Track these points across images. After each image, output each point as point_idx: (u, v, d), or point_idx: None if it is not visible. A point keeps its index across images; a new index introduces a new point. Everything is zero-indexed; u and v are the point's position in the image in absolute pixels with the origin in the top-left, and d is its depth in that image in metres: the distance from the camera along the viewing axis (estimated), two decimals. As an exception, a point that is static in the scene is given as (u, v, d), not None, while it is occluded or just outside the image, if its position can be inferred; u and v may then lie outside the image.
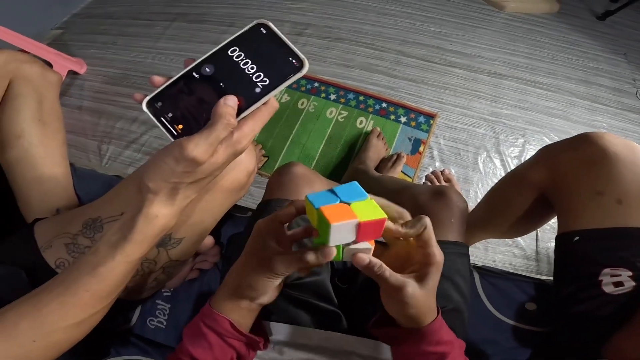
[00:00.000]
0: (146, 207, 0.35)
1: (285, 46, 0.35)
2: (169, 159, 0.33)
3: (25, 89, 0.75)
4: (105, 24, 1.79)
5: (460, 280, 0.58)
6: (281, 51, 0.35)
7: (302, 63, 0.35)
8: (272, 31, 0.36)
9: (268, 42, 0.36)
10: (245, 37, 0.36)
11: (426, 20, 1.64)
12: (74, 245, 0.50)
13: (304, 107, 1.42)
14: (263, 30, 0.36)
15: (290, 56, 0.35)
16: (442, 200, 0.64)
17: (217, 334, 0.41)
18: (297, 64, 0.35)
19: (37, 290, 0.39)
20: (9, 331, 0.37)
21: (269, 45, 0.36)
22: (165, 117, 0.35)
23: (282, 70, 0.35)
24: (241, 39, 0.36)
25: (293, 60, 0.35)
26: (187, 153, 0.32)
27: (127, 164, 1.36)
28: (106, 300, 0.41)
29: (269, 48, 0.36)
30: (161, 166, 0.33)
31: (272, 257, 0.37)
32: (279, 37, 0.36)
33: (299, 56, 0.35)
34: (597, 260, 0.56)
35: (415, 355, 0.41)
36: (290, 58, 0.35)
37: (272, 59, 0.36)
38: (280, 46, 0.36)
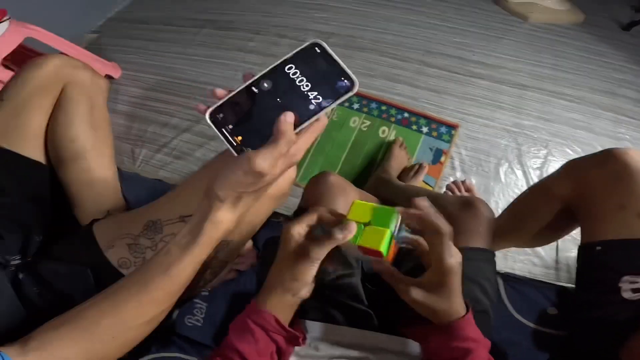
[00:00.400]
0: (213, 213, 0.39)
1: (338, 66, 0.38)
2: (239, 171, 0.36)
3: (78, 95, 0.78)
4: (138, 28, 1.87)
5: (487, 284, 0.62)
6: (334, 71, 0.38)
7: (353, 83, 0.38)
8: (325, 51, 0.38)
9: (322, 61, 0.38)
10: (300, 55, 0.38)
11: (449, 31, 1.66)
12: (136, 245, 0.54)
13: (328, 116, 1.45)
14: (317, 50, 0.38)
15: (343, 76, 0.38)
16: (471, 210, 0.67)
17: (263, 329, 0.44)
18: (348, 83, 0.38)
19: (113, 289, 0.43)
20: (92, 329, 0.40)
21: (323, 64, 0.38)
22: (226, 129, 0.37)
23: (334, 89, 0.38)
24: (297, 57, 0.38)
25: (345, 80, 0.38)
26: (255, 166, 0.35)
27: (159, 167, 1.43)
28: (175, 298, 0.44)
29: (322, 67, 0.38)
30: (230, 177, 0.37)
31: (306, 246, 0.41)
32: (332, 57, 0.38)
33: (350, 76, 0.38)
34: (617, 268, 0.59)
35: (442, 350, 0.44)
36: (342, 77, 0.38)
37: (325, 77, 0.38)
38: (333, 65, 0.38)
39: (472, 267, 0.60)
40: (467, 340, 0.43)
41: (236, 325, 0.47)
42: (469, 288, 0.59)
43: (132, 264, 0.55)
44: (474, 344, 0.44)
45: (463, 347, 0.43)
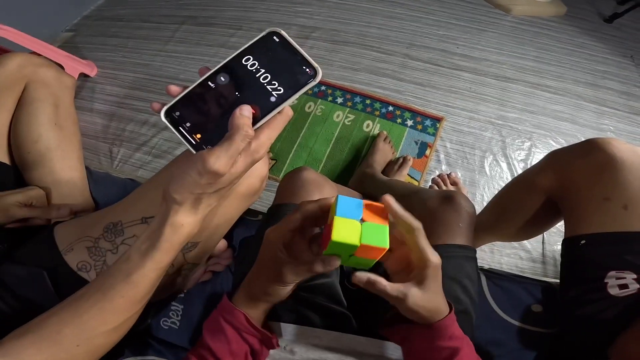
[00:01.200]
0: (172, 217, 0.37)
1: (299, 54, 0.36)
2: (193, 172, 0.34)
3: (41, 93, 0.76)
4: (115, 26, 1.81)
5: (468, 283, 0.60)
6: (294, 59, 0.36)
7: (316, 71, 0.35)
8: (284, 39, 0.36)
9: (281, 51, 0.36)
10: (258, 45, 0.36)
11: (433, 24, 1.65)
12: (96, 248, 0.52)
13: (311, 111, 1.43)
14: (276, 39, 0.36)
15: (304, 64, 0.36)
16: (451, 205, 0.65)
17: (235, 328, 0.43)
18: (310, 72, 0.36)
19: (74, 297, 0.41)
20: (53, 337, 0.39)
21: (282, 53, 0.36)
22: (183, 127, 0.35)
23: (296, 78, 0.36)
24: (254, 48, 0.36)
25: (306, 69, 0.36)
26: (209, 166, 0.33)
27: (138, 167, 1.38)
28: (140, 305, 0.43)
29: (282, 56, 0.36)
30: (185, 178, 0.35)
31: (282, 268, 0.38)
32: (292, 46, 0.36)
33: (312, 64, 0.36)
34: (603, 263, 0.57)
35: (428, 351, 0.42)
36: (303, 66, 0.36)
37: (286, 67, 0.36)
38: (293, 54, 0.36)
39: (452, 264, 0.59)
40: (453, 339, 0.42)
41: (209, 324, 0.46)
42: (449, 287, 0.57)
43: (91, 267, 0.52)
44: (461, 342, 0.43)
45: (450, 346, 0.42)
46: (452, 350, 0.41)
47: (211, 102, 0.36)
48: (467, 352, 0.42)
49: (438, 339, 0.41)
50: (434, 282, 0.40)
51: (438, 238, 0.62)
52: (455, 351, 0.41)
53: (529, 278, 0.77)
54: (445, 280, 0.57)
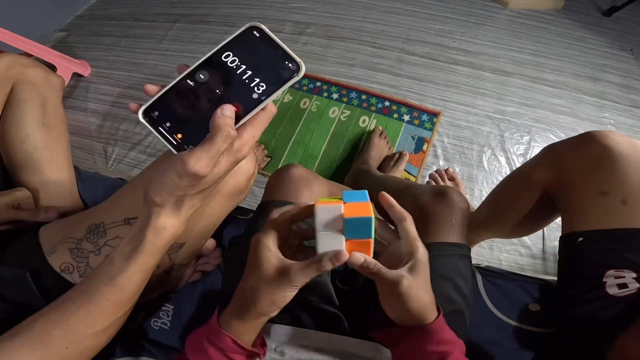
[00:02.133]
0: (154, 220, 0.36)
1: (280, 49, 0.34)
2: (172, 174, 0.33)
3: (28, 93, 0.75)
4: (108, 25, 1.80)
5: (461, 281, 0.58)
6: (276, 54, 0.35)
7: (299, 66, 0.34)
8: (265, 34, 0.35)
9: (262, 46, 0.35)
10: (238, 41, 0.35)
11: (429, 18, 1.63)
12: (78, 250, 0.51)
13: (306, 107, 1.42)
14: (256, 34, 0.35)
15: (286, 59, 0.34)
16: (444, 200, 0.63)
17: (219, 350, 0.41)
18: (293, 67, 0.34)
19: (61, 300, 0.41)
20: (43, 339, 0.39)
21: (263, 48, 0.35)
22: (163, 127, 0.34)
23: (278, 74, 0.34)
24: (234, 44, 0.35)
25: (289, 64, 0.34)
26: (189, 168, 0.32)
27: (133, 166, 1.37)
28: (127, 306, 0.42)
29: (263, 52, 0.35)
30: (165, 181, 0.34)
31: (290, 270, 0.37)
32: (273, 40, 0.35)
33: (294, 59, 0.34)
34: (601, 262, 0.55)
35: (417, 356, 0.41)
36: (286, 61, 0.34)
37: (268, 63, 0.35)
38: (274, 49, 0.35)
39: (445, 263, 0.57)
40: (442, 344, 0.40)
41: (193, 341, 0.43)
42: (442, 286, 0.55)
43: (74, 269, 0.52)
44: (451, 347, 0.41)
45: (439, 350, 0.40)
46: (441, 355, 0.40)
47: (191, 100, 0.34)
48: (457, 357, 0.41)
49: (426, 344, 0.40)
50: (424, 271, 0.39)
51: (431, 235, 0.60)
52: (445, 356, 0.40)
53: (526, 276, 0.76)
54: (438, 280, 0.56)
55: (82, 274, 0.52)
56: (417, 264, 0.39)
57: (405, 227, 0.40)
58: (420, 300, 0.39)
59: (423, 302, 0.39)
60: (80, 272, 0.52)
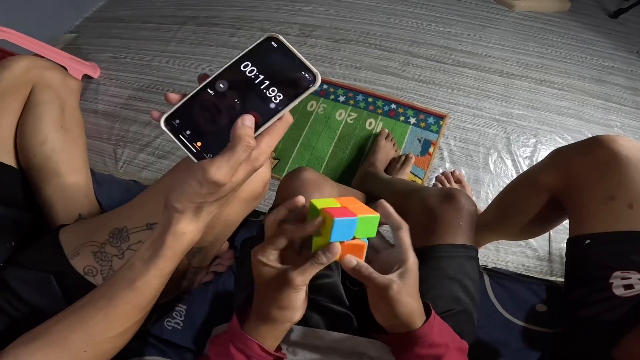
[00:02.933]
0: (174, 226, 0.37)
1: (297, 59, 0.35)
2: (193, 182, 0.34)
3: (47, 96, 0.76)
4: (116, 27, 1.82)
5: (469, 282, 0.59)
6: (293, 65, 0.35)
7: (315, 77, 0.35)
8: (283, 45, 0.35)
9: (280, 56, 0.35)
10: (256, 51, 0.36)
11: (435, 20, 1.63)
12: (102, 253, 0.52)
13: (313, 110, 1.43)
14: (274, 44, 0.35)
15: (303, 70, 0.35)
16: (451, 203, 0.64)
17: (246, 356, 0.42)
18: (309, 77, 0.35)
19: (80, 304, 0.42)
20: (61, 343, 0.40)
21: (281, 59, 0.35)
22: (184, 135, 0.35)
23: (295, 84, 0.35)
24: (252, 54, 0.36)
25: (306, 74, 0.35)
26: (209, 177, 0.33)
27: (142, 167, 1.39)
28: (145, 310, 0.43)
29: (280, 62, 0.35)
30: (186, 188, 0.35)
31: (287, 274, 0.38)
32: (290, 51, 0.35)
33: (311, 70, 0.35)
34: (608, 263, 0.56)
35: (411, 358, 0.43)
36: (302, 72, 0.35)
37: (285, 73, 0.35)
38: (292, 60, 0.35)
39: (453, 264, 0.58)
40: (434, 347, 0.42)
41: (218, 348, 0.44)
42: (449, 287, 0.57)
43: (98, 272, 0.53)
44: (443, 349, 0.42)
45: (431, 353, 0.42)
46: (434, 357, 0.41)
47: (211, 109, 0.35)
48: (451, 358, 0.42)
49: (417, 348, 0.42)
50: (413, 279, 0.41)
51: (438, 237, 0.61)
52: (438, 358, 0.41)
53: (533, 277, 0.77)
54: (446, 280, 0.58)
55: (106, 276, 0.53)
56: (407, 272, 0.41)
57: (400, 235, 0.42)
58: (408, 306, 0.41)
59: (410, 308, 0.41)
60: (104, 275, 0.53)
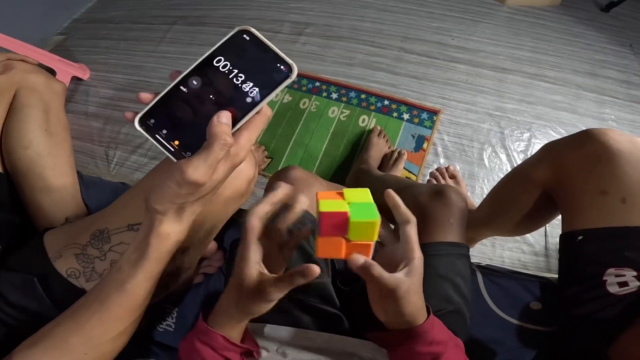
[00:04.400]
0: (157, 227, 0.37)
1: (272, 52, 0.34)
2: (172, 183, 0.33)
3: (31, 100, 0.76)
4: (106, 28, 1.80)
5: (460, 281, 0.59)
6: (268, 57, 0.34)
7: (291, 68, 0.34)
8: (255, 37, 0.34)
9: (253, 49, 0.35)
10: (228, 45, 0.35)
11: (426, 16, 1.63)
12: (84, 255, 0.52)
13: (305, 107, 1.42)
14: (246, 37, 0.34)
15: (278, 62, 0.34)
16: (441, 200, 0.64)
17: (212, 348, 0.42)
18: (285, 69, 0.34)
19: (75, 307, 0.42)
20: (62, 347, 0.40)
21: (255, 52, 0.35)
22: (160, 134, 0.34)
23: (271, 77, 0.34)
24: (225, 48, 0.35)
25: (281, 66, 0.34)
26: (187, 177, 0.32)
27: (134, 169, 1.38)
28: (139, 311, 0.43)
29: (254, 55, 0.35)
30: (165, 189, 0.34)
31: (264, 286, 0.38)
32: (263, 43, 0.34)
33: (286, 61, 0.34)
34: (601, 260, 0.55)
35: (409, 357, 0.42)
36: (277, 64, 0.34)
37: (260, 66, 0.35)
38: (266, 52, 0.34)
39: (444, 263, 0.58)
40: (433, 344, 0.41)
41: (185, 345, 0.45)
42: (440, 286, 0.56)
43: (81, 274, 0.52)
44: (443, 347, 0.42)
45: (431, 351, 0.41)
46: (433, 355, 0.41)
47: (186, 106, 0.34)
48: (450, 356, 0.42)
49: (417, 345, 0.41)
50: (418, 277, 0.40)
51: (429, 235, 0.61)
52: (437, 356, 0.41)
53: (527, 274, 0.76)
54: (437, 279, 0.57)
55: (88, 278, 0.52)
56: (414, 269, 0.39)
57: (408, 230, 0.41)
58: (414, 304, 0.40)
59: (416, 305, 0.41)
60: (87, 277, 0.52)
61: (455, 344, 0.45)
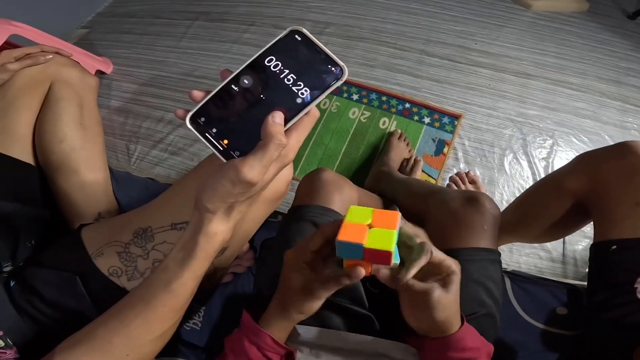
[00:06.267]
0: (206, 226, 0.37)
1: (323, 53, 0.34)
2: (226, 181, 0.33)
3: (66, 93, 0.76)
4: (129, 22, 1.82)
5: (492, 286, 0.59)
6: (319, 58, 0.34)
7: (342, 70, 0.34)
8: (307, 38, 0.34)
9: (304, 50, 0.35)
10: (280, 45, 0.35)
11: (450, 19, 1.61)
12: (126, 253, 0.52)
13: (326, 108, 1.42)
14: (298, 38, 0.35)
15: (329, 63, 0.34)
16: (475, 207, 0.64)
17: (258, 348, 0.43)
18: (336, 71, 0.34)
19: (118, 307, 0.42)
20: (105, 347, 0.40)
21: (306, 52, 0.35)
22: (210, 133, 0.34)
23: (321, 78, 0.34)
24: (276, 48, 0.35)
25: (332, 68, 0.34)
26: (243, 176, 0.32)
27: (155, 164, 1.39)
28: (181, 312, 0.43)
29: (305, 56, 0.35)
30: (218, 188, 0.34)
31: (313, 285, 0.39)
32: (315, 44, 0.34)
33: (337, 63, 0.34)
34: (634, 269, 0.56)
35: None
36: (328, 65, 0.34)
37: (310, 67, 0.34)
38: (317, 53, 0.34)
39: (477, 268, 0.58)
40: (466, 351, 0.42)
41: (233, 344, 0.45)
42: (474, 290, 0.56)
43: (123, 273, 0.52)
44: (475, 353, 0.43)
45: (463, 357, 0.42)
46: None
47: (236, 106, 0.34)
48: None
49: (450, 352, 0.42)
50: (455, 286, 0.41)
51: (462, 241, 0.61)
52: None
53: (554, 281, 0.76)
54: (471, 284, 0.57)
55: (130, 277, 0.52)
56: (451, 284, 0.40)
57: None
58: (448, 311, 0.41)
59: (450, 312, 0.41)
60: (129, 276, 0.52)
61: (487, 351, 0.45)
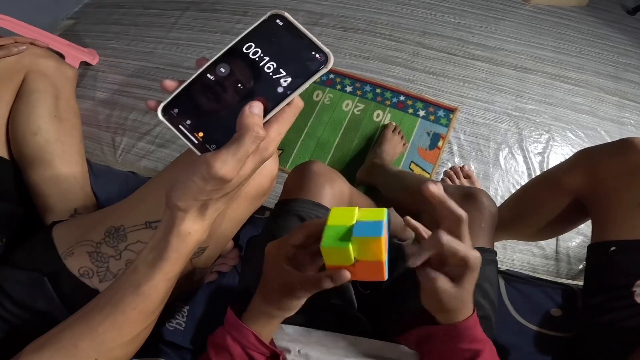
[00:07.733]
0: (178, 226, 0.34)
1: (306, 39, 0.32)
2: (197, 178, 0.31)
3: (41, 84, 0.73)
4: (117, 13, 1.76)
5: (488, 287, 0.57)
6: (302, 45, 0.32)
7: (327, 57, 0.31)
8: (289, 23, 0.32)
9: (286, 36, 0.32)
10: (260, 31, 0.32)
11: (446, 11, 1.58)
12: (98, 254, 0.49)
13: (319, 99, 1.39)
14: (279, 22, 0.32)
15: (313, 50, 0.32)
16: (473, 204, 0.61)
17: (241, 346, 0.42)
18: (321, 58, 0.31)
19: (86, 310, 0.40)
20: (71, 351, 0.38)
21: (288, 38, 0.32)
22: (183, 125, 0.32)
23: (305, 66, 0.32)
24: (256, 34, 0.32)
25: (316, 54, 0.31)
26: (214, 172, 0.30)
27: (141, 156, 1.36)
28: (154, 315, 0.41)
29: (287, 42, 0.32)
30: (189, 185, 0.31)
31: (291, 282, 0.38)
32: (298, 29, 0.32)
33: (322, 49, 0.31)
34: (632, 271, 0.55)
35: (449, 353, 0.42)
36: (312, 52, 0.31)
37: (293, 54, 0.32)
38: (300, 39, 0.32)
39: None
40: (476, 341, 0.41)
41: (215, 340, 0.44)
42: None
43: (94, 274, 0.50)
44: (483, 344, 0.42)
45: (472, 348, 0.41)
46: (473, 352, 0.41)
47: (212, 96, 0.32)
48: (488, 355, 0.42)
49: (459, 341, 0.41)
50: (469, 281, 0.39)
51: None
52: (477, 354, 0.41)
53: (549, 281, 0.74)
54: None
55: (102, 278, 0.50)
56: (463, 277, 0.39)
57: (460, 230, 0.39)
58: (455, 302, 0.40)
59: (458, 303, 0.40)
60: (100, 277, 0.50)
61: (491, 347, 0.44)
